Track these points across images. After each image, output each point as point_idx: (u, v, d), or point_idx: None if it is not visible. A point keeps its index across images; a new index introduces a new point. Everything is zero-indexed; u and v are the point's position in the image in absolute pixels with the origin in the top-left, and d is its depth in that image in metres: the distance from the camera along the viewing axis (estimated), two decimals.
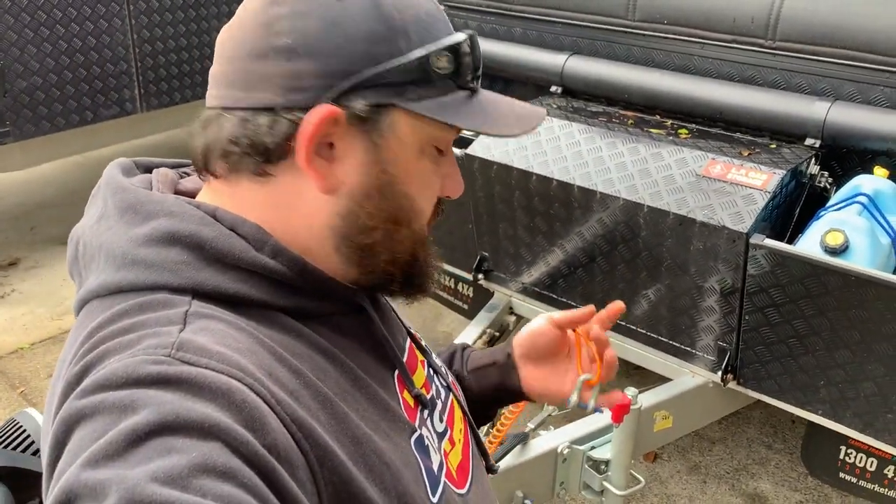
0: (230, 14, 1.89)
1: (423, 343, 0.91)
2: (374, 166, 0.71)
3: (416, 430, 0.76)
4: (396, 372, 0.79)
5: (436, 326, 3.26)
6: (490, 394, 1.03)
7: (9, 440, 0.98)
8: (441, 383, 0.89)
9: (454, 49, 0.71)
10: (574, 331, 0.99)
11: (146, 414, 0.53)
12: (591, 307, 0.96)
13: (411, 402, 0.79)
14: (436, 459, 0.77)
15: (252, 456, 0.54)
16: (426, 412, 0.81)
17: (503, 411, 1.63)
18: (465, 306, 2.67)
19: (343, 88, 0.67)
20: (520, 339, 1.01)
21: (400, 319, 0.88)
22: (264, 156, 0.68)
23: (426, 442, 0.77)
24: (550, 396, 1.01)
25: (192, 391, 0.55)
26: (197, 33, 3.95)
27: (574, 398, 0.96)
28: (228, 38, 0.71)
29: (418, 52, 0.69)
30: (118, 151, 4.45)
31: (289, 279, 0.69)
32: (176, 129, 4.07)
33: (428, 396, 0.83)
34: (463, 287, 2.66)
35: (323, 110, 0.66)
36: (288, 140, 0.67)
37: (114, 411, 0.54)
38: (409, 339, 0.87)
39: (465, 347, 1.09)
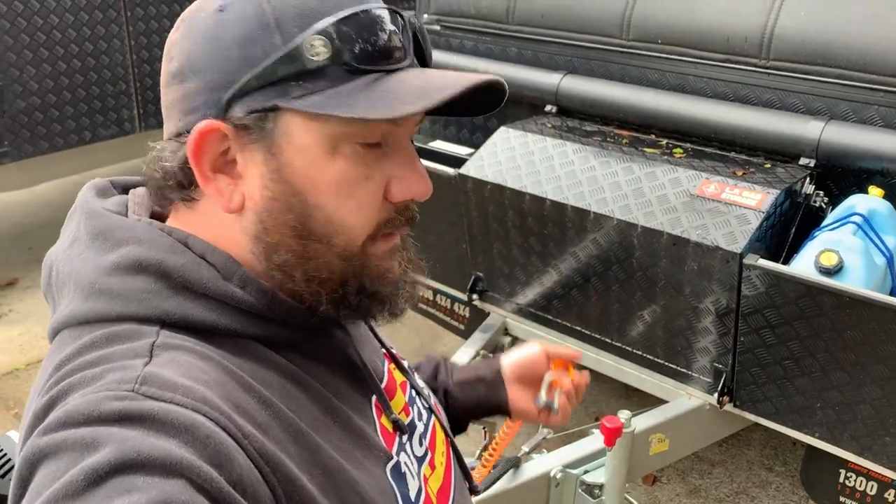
0: None
1: (404, 364, 0.90)
2: (273, 178, 0.65)
3: (392, 458, 0.74)
4: (374, 397, 0.77)
5: (434, 347, 3.24)
6: (473, 407, 1.08)
7: None
8: (423, 405, 0.88)
9: (332, 29, 0.62)
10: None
11: (107, 452, 0.52)
12: (579, 353, 1.11)
13: (389, 427, 0.77)
14: (413, 486, 0.76)
15: (217, 493, 0.53)
16: (405, 437, 0.79)
17: (497, 434, 1.62)
18: (462, 327, 2.65)
19: (226, 100, 0.64)
20: (516, 364, 1.09)
21: (380, 340, 0.87)
22: (179, 184, 0.69)
23: (403, 469, 0.75)
24: (530, 414, 1.09)
25: (155, 427, 0.54)
26: None
27: (542, 396, 1.06)
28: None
29: (290, 44, 0.62)
30: (116, 171, 4.46)
31: (257, 309, 0.67)
32: None
33: (407, 420, 0.81)
34: (459, 308, 2.64)
35: (201, 126, 0.65)
36: (188, 163, 0.67)
37: (75, 449, 0.53)
38: (388, 362, 0.86)
39: (446, 359, 1.12)
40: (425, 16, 2.81)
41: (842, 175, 1.98)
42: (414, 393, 0.87)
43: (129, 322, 0.64)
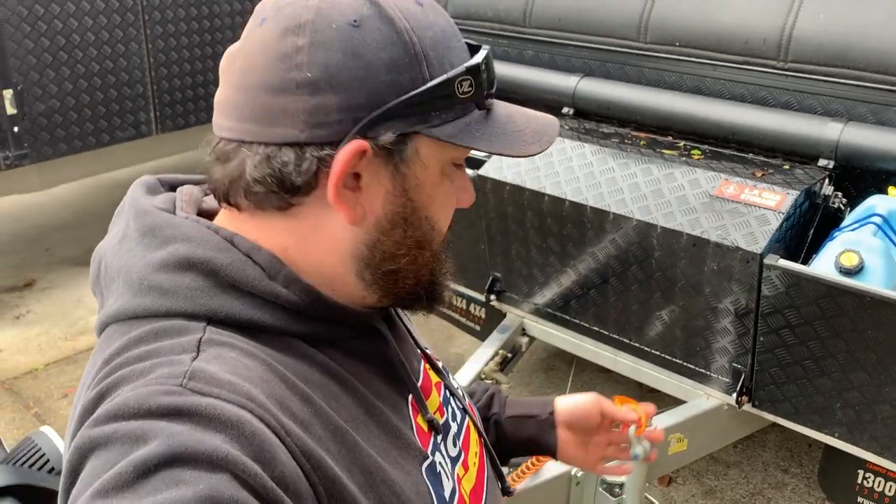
0: None
1: (439, 365, 0.91)
2: (400, 195, 0.70)
3: (427, 457, 0.75)
4: (410, 396, 0.78)
5: (448, 348, 3.25)
6: (523, 443, 1.08)
7: (25, 458, 0.99)
8: (457, 405, 0.89)
9: (475, 71, 0.69)
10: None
11: (156, 445, 0.53)
12: (647, 411, 1.09)
13: (425, 427, 0.78)
14: (448, 486, 0.77)
15: (260, 489, 0.55)
16: (439, 437, 0.80)
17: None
18: (478, 327, 2.66)
19: (369, 120, 0.65)
20: (568, 410, 1.08)
21: (415, 340, 0.88)
22: (290, 192, 0.67)
23: (438, 469, 0.76)
24: (576, 462, 1.10)
25: (203, 422, 0.56)
26: (212, 57, 4.00)
27: (635, 448, 1.08)
28: (239, 68, 0.68)
29: (440, 77, 0.67)
30: (133, 173, 4.49)
31: (301, 308, 0.69)
32: (190, 150, 4.12)
33: (442, 420, 0.82)
34: (475, 308, 2.66)
35: (353, 147, 0.65)
36: (315, 175, 0.66)
37: (125, 442, 0.55)
38: (423, 362, 0.87)
39: (500, 391, 1.12)
40: None
41: (861, 176, 1.99)
42: (448, 393, 0.88)
43: (177, 318, 0.65)
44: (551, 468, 1.77)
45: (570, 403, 1.08)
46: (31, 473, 0.97)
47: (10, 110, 3.26)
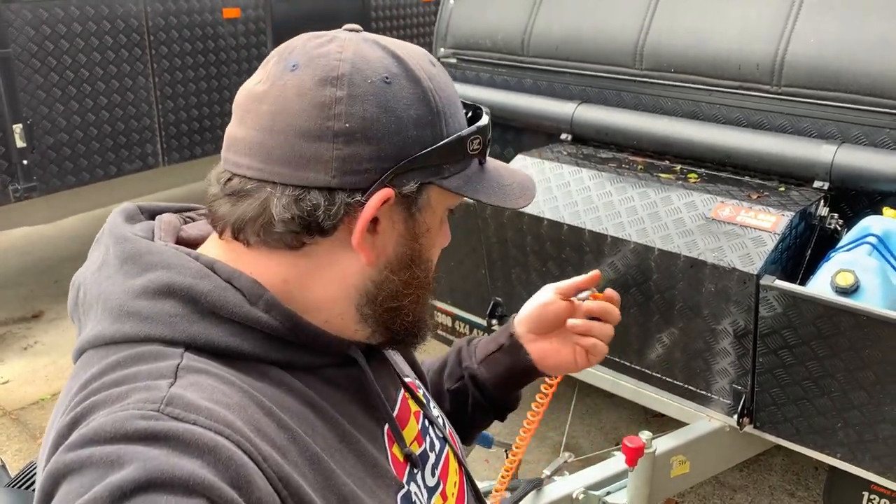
0: (250, 71, 1.95)
1: (419, 393, 0.91)
2: (411, 239, 0.74)
3: (403, 487, 0.76)
4: (387, 425, 0.79)
5: None
6: (505, 379, 1.04)
7: (28, 482, 1.01)
8: (436, 434, 0.89)
9: (483, 130, 0.76)
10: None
11: (132, 470, 0.53)
12: (595, 272, 1.02)
13: (400, 457, 0.79)
14: None
15: None
16: (416, 469, 0.80)
17: (511, 450, 1.61)
18: None
19: (394, 171, 0.69)
20: (526, 316, 1.03)
21: (396, 370, 0.88)
22: (315, 233, 0.69)
23: (413, 498, 0.77)
24: (565, 367, 1.04)
25: (179, 447, 0.56)
26: (217, 90, 4.07)
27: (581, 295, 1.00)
28: (269, 111, 0.68)
29: (456, 135, 0.73)
30: None
31: (281, 333, 0.70)
32: (197, 182, 4.16)
33: (420, 450, 0.83)
34: (477, 333, 2.67)
35: (382, 195, 0.69)
36: (340, 219, 0.69)
37: (100, 466, 0.54)
38: (402, 391, 0.87)
39: (469, 341, 1.10)
40: (442, 49, 2.88)
41: (856, 197, 2.01)
42: (427, 423, 0.88)
43: (155, 343, 0.66)
44: (552, 490, 1.77)
45: (525, 311, 1.03)
46: (32, 496, 0.99)
47: (20, 143, 3.32)
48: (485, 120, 0.77)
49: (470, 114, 0.78)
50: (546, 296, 1.02)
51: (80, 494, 0.53)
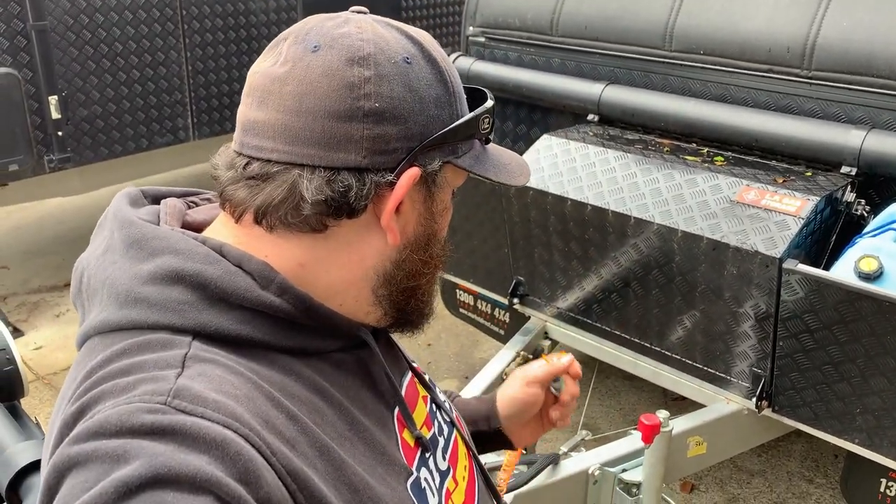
0: None
1: (426, 378, 0.91)
2: (430, 217, 0.76)
3: (412, 473, 0.75)
4: (397, 410, 0.78)
5: (473, 353, 3.29)
6: (479, 449, 1.06)
7: None
8: (444, 419, 0.88)
9: (491, 110, 0.78)
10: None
11: (138, 465, 0.52)
12: (569, 357, 1.06)
13: (411, 442, 0.78)
14: (433, 501, 0.77)
15: None
16: (427, 453, 0.80)
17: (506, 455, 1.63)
18: (502, 332, 2.69)
19: (421, 150, 0.70)
20: (509, 416, 1.06)
21: (403, 354, 0.89)
22: (340, 213, 0.69)
23: (423, 485, 0.76)
24: (536, 435, 1.12)
25: (186, 442, 0.55)
26: (248, 65, 4.08)
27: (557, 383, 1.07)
28: (294, 92, 0.67)
29: (471, 114, 0.75)
30: (170, 177, 4.62)
31: (293, 317, 0.69)
32: None
33: (429, 435, 0.82)
34: (499, 313, 2.69)
35: (412, 173, 0.70)
36: (372, 199, 0.69)
37: (106, 461, 0.53)
38: (410, 374, 0.86)
39: (452, 398, 1.09)
40: (471, 28, 2.88)
41: (885, 184, 1.99)
42: (435, 407, 0.88)
43: (163, 331, 0.64)
44: (569, 466, 1.80)
45: (508, 407, 1.06)
46: None
47: (55, 115, 3.39)
48: (490, 103, 0.79)
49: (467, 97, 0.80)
50: (522, 391, 1.05)
51: (84, 490, 0.52)
